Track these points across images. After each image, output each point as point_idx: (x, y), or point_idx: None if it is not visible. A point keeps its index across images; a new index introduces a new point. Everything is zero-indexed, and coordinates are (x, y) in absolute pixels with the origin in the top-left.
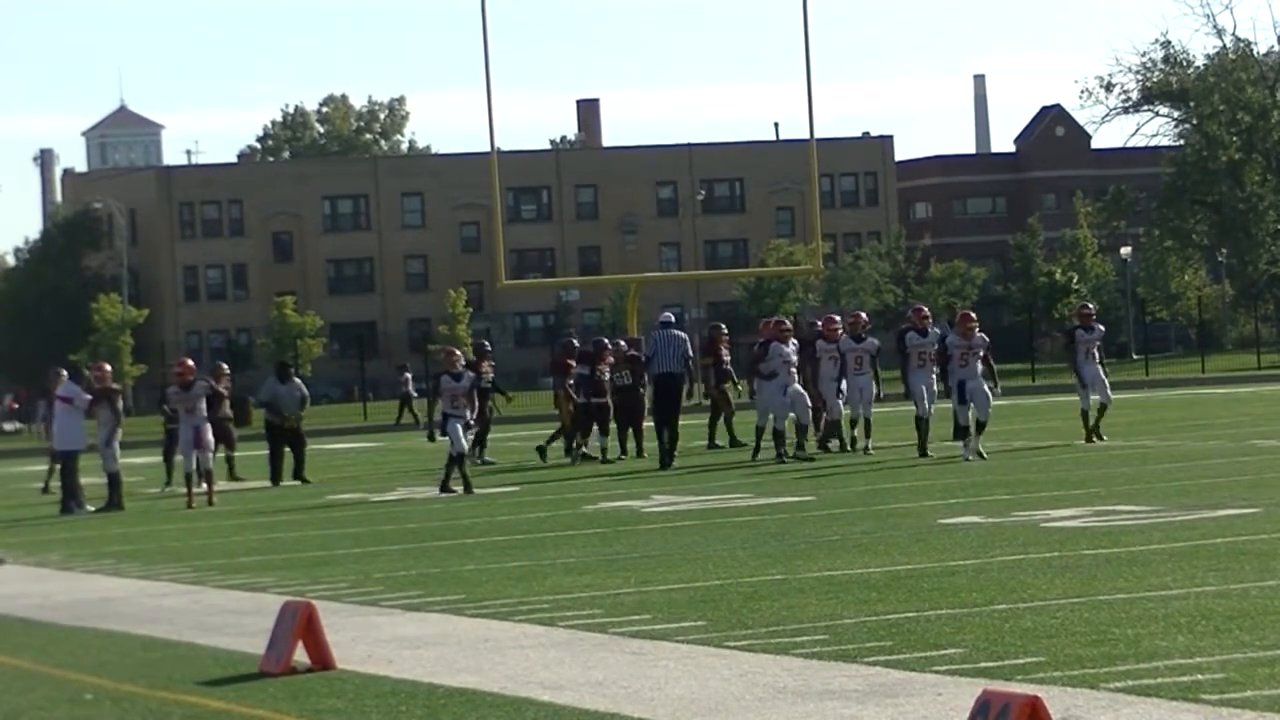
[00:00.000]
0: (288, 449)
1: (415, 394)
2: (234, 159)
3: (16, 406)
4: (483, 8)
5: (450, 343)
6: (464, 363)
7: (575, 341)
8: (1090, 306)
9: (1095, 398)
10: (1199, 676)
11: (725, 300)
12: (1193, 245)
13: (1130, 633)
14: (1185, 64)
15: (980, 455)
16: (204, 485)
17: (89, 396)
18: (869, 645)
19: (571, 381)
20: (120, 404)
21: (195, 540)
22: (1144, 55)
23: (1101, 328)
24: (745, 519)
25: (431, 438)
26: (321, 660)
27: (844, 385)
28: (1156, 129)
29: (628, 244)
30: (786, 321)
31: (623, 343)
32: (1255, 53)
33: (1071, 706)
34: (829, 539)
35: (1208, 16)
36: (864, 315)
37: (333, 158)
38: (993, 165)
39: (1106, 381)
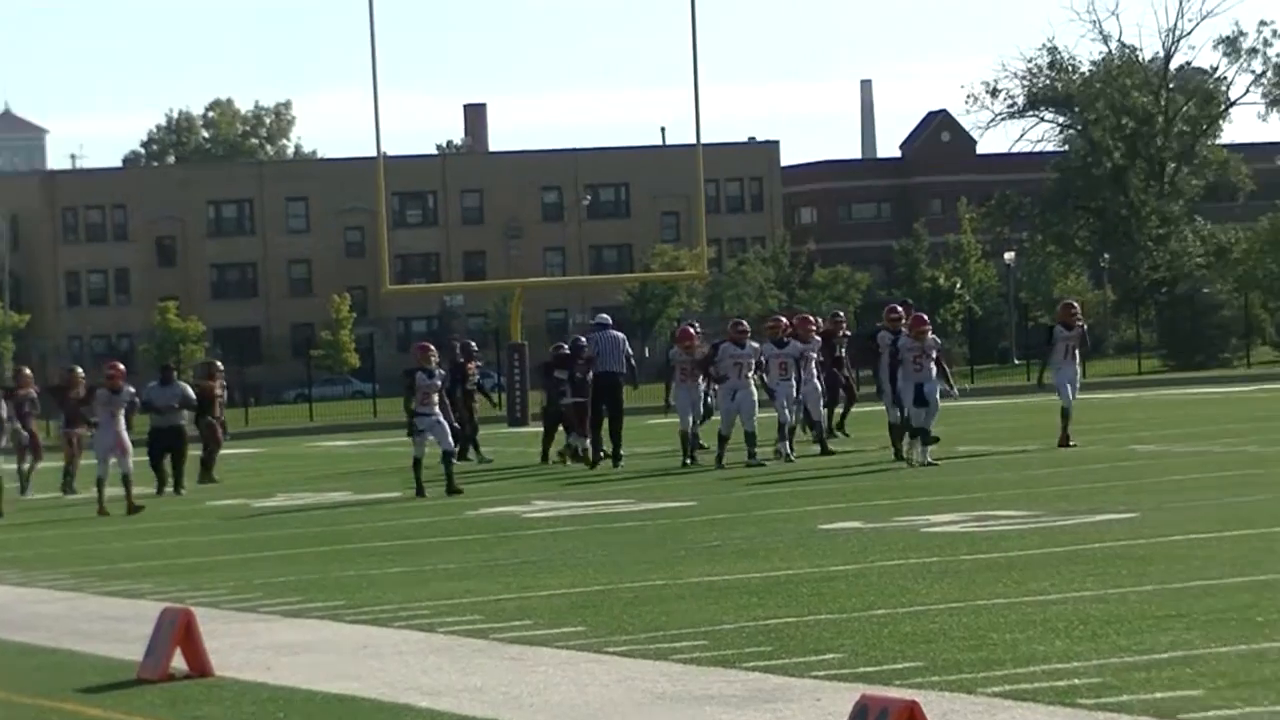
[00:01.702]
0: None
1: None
2: (119, 164)
3: None
4: (370, 13)
5: (329, 348)
6: (437, 359)
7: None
8: (1074, 305)
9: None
10: (1076, 681)
11: (610, 305)
12: (1076, 250)
13: (1008, 637)
14: (1071, 70)
15: (930, 461)
16: (123, 491)
17: None
18: (748, 650)
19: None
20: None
21: (74, 546)
22: (1030, 61)
23: (1083, 327)
24: (627, 524)
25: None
26: (200, 667)
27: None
28: (1041, 135)
29: (513, 249)
30: (744, 323)
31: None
32: (1140, 59)
33: (949, 711)
34: (710, 544)
35: (1094, 23)
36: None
37: (217, 162)
38: (878, 170)
39: (1077, 386)
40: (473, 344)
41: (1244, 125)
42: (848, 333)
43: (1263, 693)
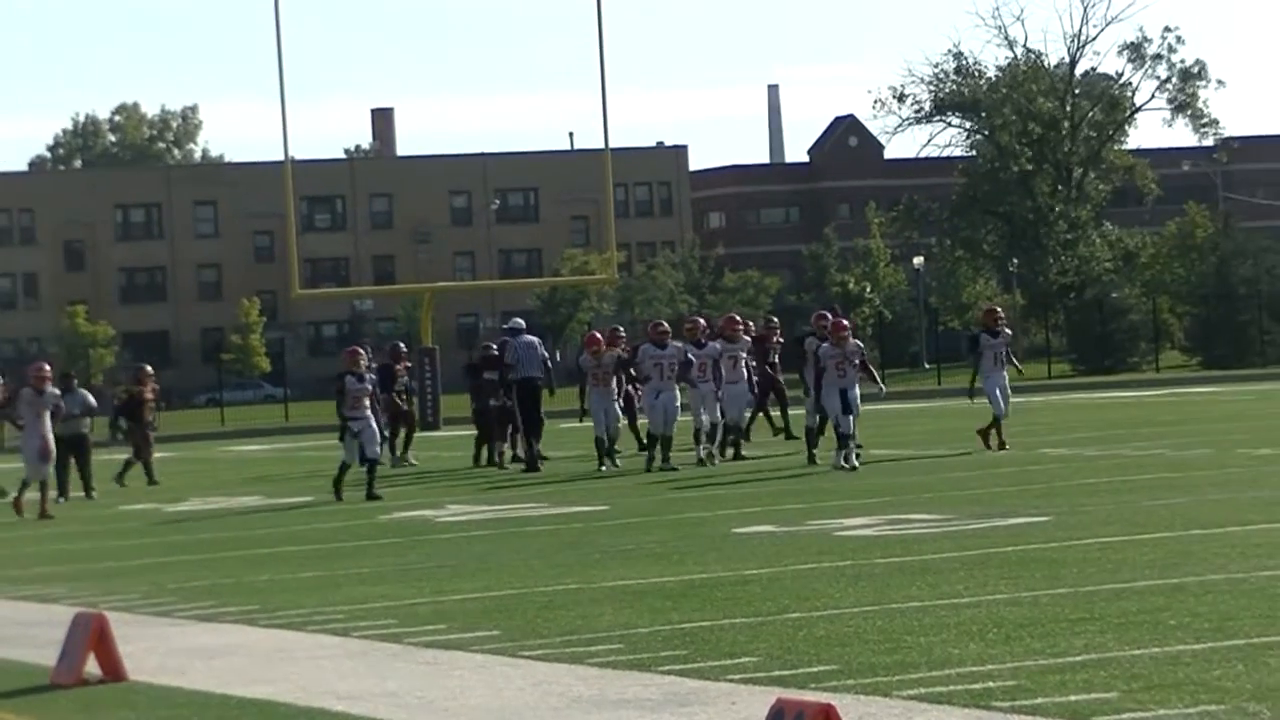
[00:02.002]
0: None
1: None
2: (24, 167)
3: None
4: (276, 17)
5: (239, 352)
6: (369, 363)
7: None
8: (998, 309)
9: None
10: (990, 684)
11: (520, 309)
12: (984, 255)
13: (923, 640)
14: (977, 75)
15: (853, 465)
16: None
17: None
18: (664, 654)
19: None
20: None
21: None
22: (936, 66)
23: (1009, 331)
24: (540, 528)
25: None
26: (113, 672)
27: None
28: (949, 139)
29: (422, 253)
30: (664, 324)
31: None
32: (1046, 64)
33: (865, 714)
34: (624, 548)
35: (999, 28)
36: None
37: (125, 166)
38: (786, 175)
39: (1008, 393)
40: (402, 345)
41: (1149, 131)
42: (781, 339)
43: (1176, 695)
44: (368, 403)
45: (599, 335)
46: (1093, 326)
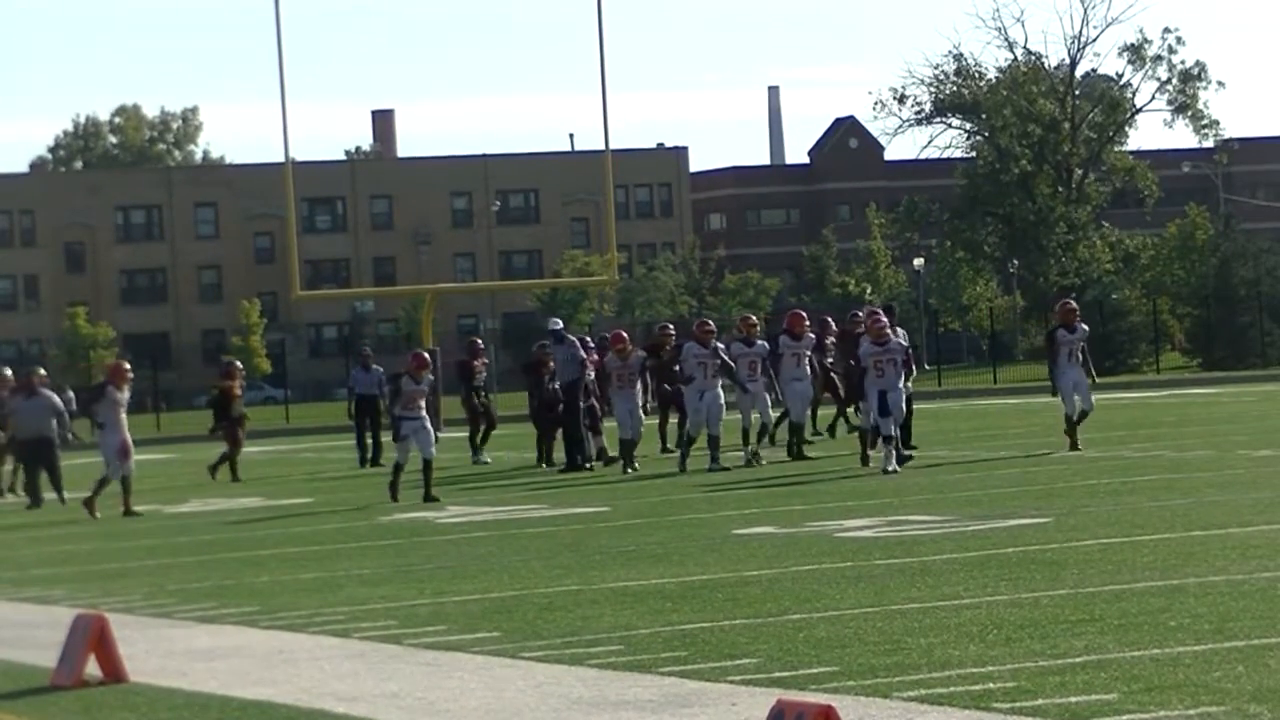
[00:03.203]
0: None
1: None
2: (25, 169)
3: None
4: (277, 18)
5: (240, 354)
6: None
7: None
8: (1073, 303)
9: (1077, 400)
10: (990, 685)
11: (520, 311)
12: (984, 256)
13: (923, 642)
14: (977, 76)
15: (893, 469)
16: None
17: None
18: (664, 655)
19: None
20: None
21: None
22: (936, 67)
23: (1085, 327)
24: (540, 530)
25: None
26: (114, 673)
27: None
28: (949, 141)
29: (422, 255)
30: (709, 323)
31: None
32: (1046, 65)
33: (865, 716)
34: (624, 549)
35: (999, 29)
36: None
37: (125, 168)
38: (787, 177)
39: (1089, 386)
40: (479, 341)
41: (1149, 132)
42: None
43: (1176, 697)
44: (423, 404)
45: (624, 334)
46: (1093, 328)
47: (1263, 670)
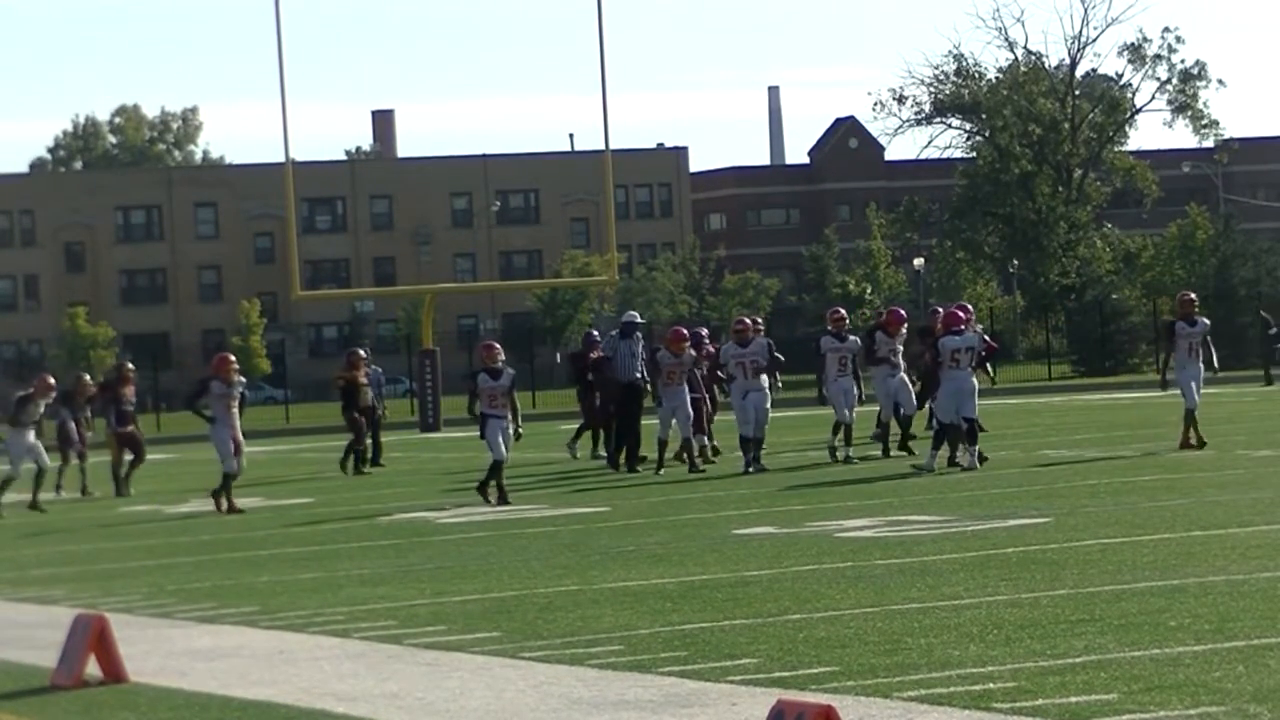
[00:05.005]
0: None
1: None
2: (25, 169)
3: None
4: (277, 18)
5: (240, 354)
6: (504, 358)
7: (594, 333)
8: (1192, 295)
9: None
10: (990, 685)
11: (520, 311)
12: (984, 257)
13: (923, 642)
14: (977, 76)
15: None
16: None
17: None
18: (664, 655)
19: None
20: None
21: None
22: (936, 68)
23: (1206, 321)
24: (540, 530)
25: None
26: (114, 673)
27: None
28: (949, 141)
29: (422, 255)
30: (745, 320)
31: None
32: (1046, 65)
33: (865, 716)
34: (624, 550)
35: (1000, 29)
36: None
37: (125, 168)
38: (787, 177)
39: (1200, 385)
40: (594, 332)
41: (1150, 132)
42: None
43: (1176, 697)
44: (503, 400)
45: (684, 331)
46: (1093, 328)
47: (1263, 670)
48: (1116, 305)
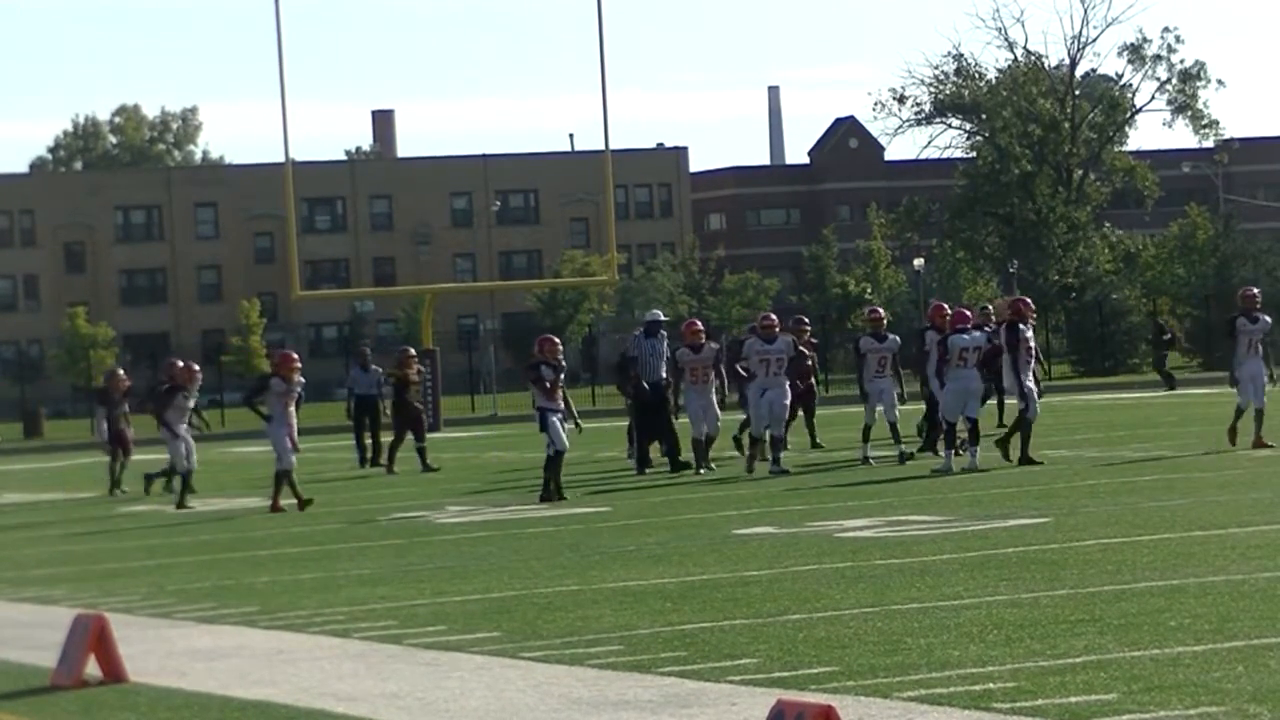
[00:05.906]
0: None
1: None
2: (25, 169)
3: None
4: (276, 18)
5: (240, 354)
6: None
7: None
8: (1255, 291)
9: (1251, 395)
10: (990, 685)
11: (520, 311)
12: (984, 257)
13: (923, 642)
14: (977, 76)
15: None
16: None
17: None
18: (664, 655)
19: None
20: None
21: None
22: (936, 68)
23: (1268, 319)
24: (540, 530)
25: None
26: (114, 673)
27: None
28: (949, 141)
29: (422, 255)
30: (771, 316)
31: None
32: (1046, 66)
33: (865, 716)
34: (624, 550)
35: (999, 30)
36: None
37: (125, 168)
38: (787, 177)
39: (1265, 383)
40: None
41: (1150, 132)
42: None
43: (1176, 697)
44: (560, 394)
45: (698, 323)
46: (1093, 328)
47: (1263, 670)
48: (1116, 305)
